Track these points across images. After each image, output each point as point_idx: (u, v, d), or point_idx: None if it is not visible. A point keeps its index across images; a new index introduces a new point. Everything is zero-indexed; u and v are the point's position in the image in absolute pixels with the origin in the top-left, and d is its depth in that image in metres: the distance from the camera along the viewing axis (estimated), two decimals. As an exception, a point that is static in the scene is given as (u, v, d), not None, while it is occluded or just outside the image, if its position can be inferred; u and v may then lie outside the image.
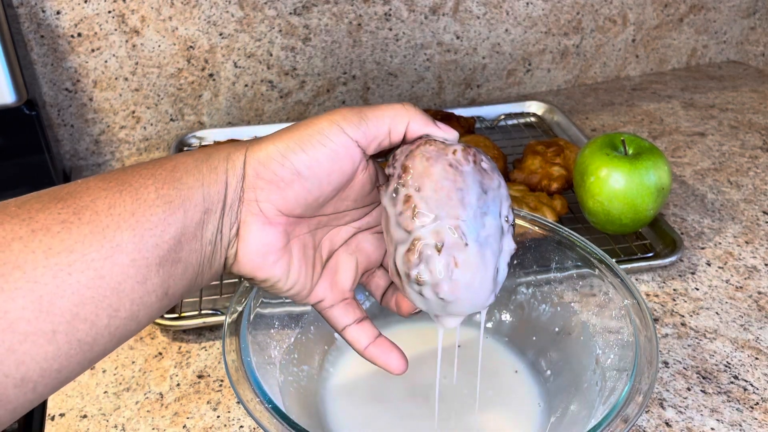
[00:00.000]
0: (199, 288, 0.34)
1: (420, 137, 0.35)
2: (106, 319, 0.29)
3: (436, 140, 0.35)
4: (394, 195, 0.34)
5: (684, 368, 0.54)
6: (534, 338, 0.51)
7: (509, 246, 0.36)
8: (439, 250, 0.33)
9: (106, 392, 0.53)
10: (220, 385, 0.53)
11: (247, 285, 0.46)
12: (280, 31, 0.86)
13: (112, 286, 0.29)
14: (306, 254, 0.37)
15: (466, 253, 0.33)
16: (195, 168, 0.32)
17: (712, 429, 0.49)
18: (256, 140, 0.34)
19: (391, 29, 0.91)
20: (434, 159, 0.34)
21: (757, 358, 0.55)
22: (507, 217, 0.36)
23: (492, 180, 0.35)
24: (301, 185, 0.33)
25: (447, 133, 0.36)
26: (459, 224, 0.33)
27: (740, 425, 0.49)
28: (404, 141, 0.36)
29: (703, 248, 0.68)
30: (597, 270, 0.48)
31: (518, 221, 0.52)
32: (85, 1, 0.77)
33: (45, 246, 0.27)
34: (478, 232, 0.34)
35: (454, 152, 0.34)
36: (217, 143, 0.34)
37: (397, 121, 0.34)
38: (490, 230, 0.34)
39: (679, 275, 0.64)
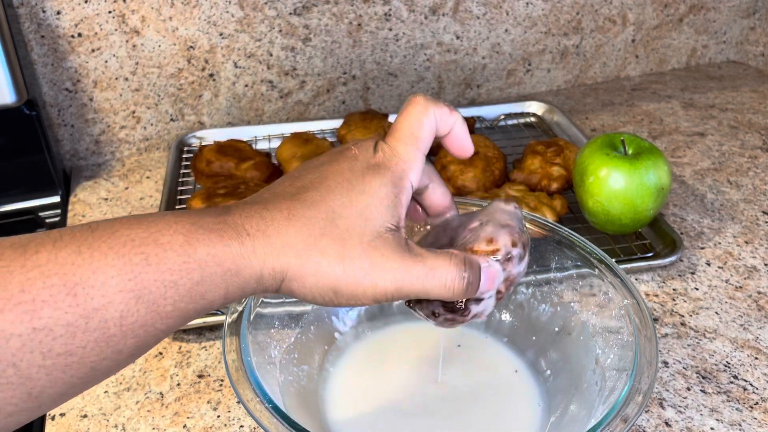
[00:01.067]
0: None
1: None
2: (99, 378, 0.30)
3: (468, 306, 0.37)
4: (460, 313, 0.37)
5: (684, 368, 0.54)
6: (534, 338, 0.51)
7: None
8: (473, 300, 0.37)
9: (106, 392, 0.53)
10: (221, 385, 0.53)
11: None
12: (280, 31, 0.86)
13: (105, 374, 0.29)
14: None
15: (487, 305, 0.38)
16: (222, 284, 0.30)
17: (712, 429, 0.49)
18: (295, 269, 0.32)
19: (391, 29, 0.91)
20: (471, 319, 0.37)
21: (756, 358, 0.55)
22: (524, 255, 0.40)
23: (513, 283, 0.38)
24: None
25: (484, 293, 0.37)
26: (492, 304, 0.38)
27: (740, 425, 0.49)
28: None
29: (702, 248, 0.68)
30: (597, 270, 0.48)
31: (518, 221, 0.52)
32: (86, 1, 0.77)
33: (45, 348, 0.27)
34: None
35: (488, 313, 0.37)
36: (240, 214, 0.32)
37: (424, 129, 0.35)
38: (515, 274, 0.39)
39: (679, 275, 0.64)
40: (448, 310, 0.36)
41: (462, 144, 0.38)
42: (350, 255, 0.32)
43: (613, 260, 0.47)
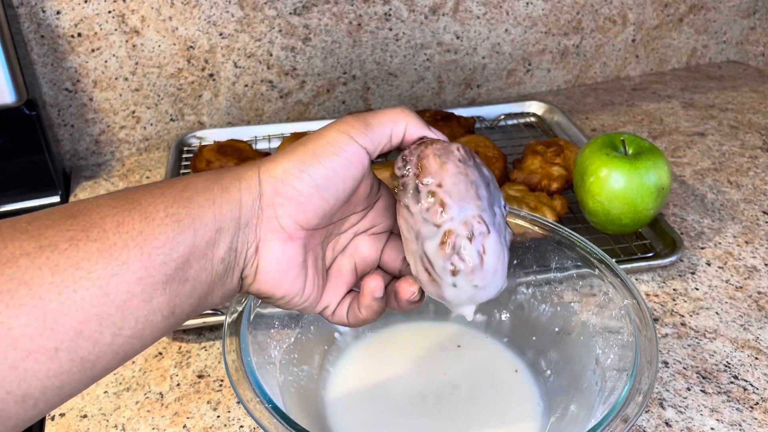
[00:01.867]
0: (209, 307, 0.34)
1: (420, 140, 0.37)
2: (109, 337, 0.28)
3: (437, 140, 0.37)
4: (416, 193, 0.35)
5: (684, 368, 0.54)
6: (534, 338, 0.51)
7: (509, 233, 0.38)
8: (470, 240, 0.35)
9: (106, 392, 0.53)
10: (220, 385, 0.53)
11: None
12: (280, 31, 0.86)
13: (117, 304, 0.28)
14: (317, 265, 0.37)
15: (490, 240, 0.35)
16: (205, 188, 0.32)
17: (712, 429, 0.49)
18: (268, 158, 0.35)
19: (391, 29, 0.91)
20: (446, 157, 0.36)
21: (756, 358, 0.55)
22: (504, 206, 0.38)
23: (489, 174, 0.38)
24: (320, 196, 0.34)
25: (440, 135, 0.38)
26: (481, 214, 0.35)
27: (740, 425, 0.49)
28: (402, 145, 0.37)
29: (703, 248, 0.68)
30: (597, 270, 0.48)
31: (518, 221, 0.52)
32: (85, 1, 0.77)
33: (52, 263, 0.27)
34: (493, 220, 0.36)
35: (458, 149, 0.36)
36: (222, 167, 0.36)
37: (398, 125, 0.36)
38: (499, 218, 0.37)
39: (679, 275, 0.64)
40: (422, 143, 0.37)
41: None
42: (319, 143, 0.35)
43: (614, 260, 0.47)
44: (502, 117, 0.92)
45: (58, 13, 0.76)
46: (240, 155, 0.75)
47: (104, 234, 0.29)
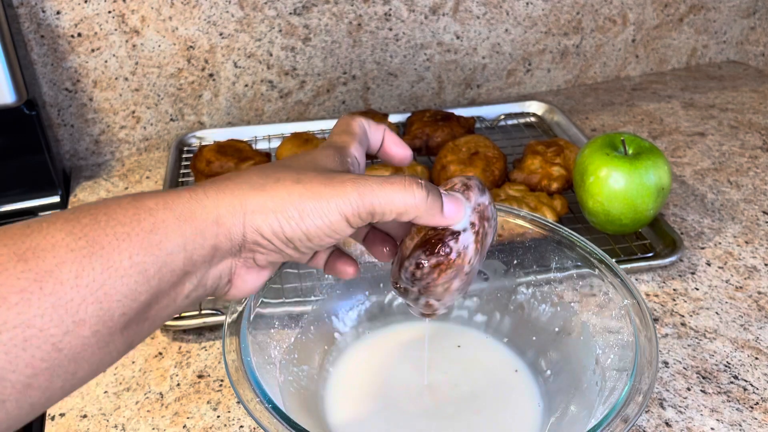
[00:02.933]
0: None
1: (428, 239, 0.36)
2: (60, 383, 0.27)
3: (446, 246, 0.36)
4: (416, 299, 0.39)
5: (684, 368, 0.54)
6: (534, 338, 0.51)
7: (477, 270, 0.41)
8: (443, 307, 0.41)
9: (106, 392, 0.53)
10: (220, 385, 0.53)
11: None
12: (280, 31, 0.86)
13: (70, 357, 0.27)
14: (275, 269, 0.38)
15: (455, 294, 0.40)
16: (178, 230, 0.29)
17: (712, 429, 0.49)
18: (252, 196, 0.32)
19: (391, 29, 0.91)
20: (452, 278, 0.37)
21: (756, 358, 0.55)
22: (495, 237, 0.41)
23: (488, 236, 0.39)
24: (298, 254, 0.34)
25: (456, 219, 0.35)
26: (458, 297, 0.40)
27: (740, 425, 0.49)
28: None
29: (703, 248, 0.68)
30: (597, 270, 0.48)
31: (518, 221, 0.52)
32: (85, 1, 0.77)
33: (0, 320, 0.25)
34: (470, 281, 0.40)
35: (470, 261, 0.37)
36: (197, 181, 0.34)
37: (405, 216, 0.34)
38: (476, 268, 0.40)
39: (679, 275, 0.64)
40: (430, 253, 0.36)
41: (398, 150, 0.40)
42: (306, 177, 0.33)
43: (614, 260, 0.47)
44: (502, 117, 0.92)
45: (58, 13, 0.76)
46: (240, 155, 0.75)
47: (60, 287, 0.26)
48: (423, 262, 0.36)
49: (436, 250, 0.36)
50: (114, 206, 0.29)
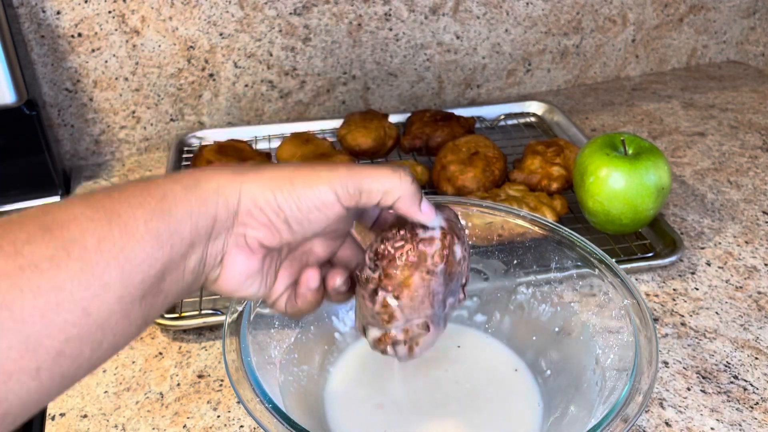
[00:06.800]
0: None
1: (401, 225, 0.38)
2: (89, 353, 0.29)
3: (416, 233, 0.37)
4: (374, 294, 0.38)
5: (684, 368, 0.54)
6: (534, 338, 0.51)
7: (461, 296, 0.42)
8: (404, 342, 0.39)
9: (106, 392, 0.53)
10: (221, 385, 0.53)
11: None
12: (280, 31, 0.86)
13: (99, 323, 0.29)
14: (271, 268, 0.38)
15: (426, 337, 0.40)
16: (184, 198, 0.32)
17: (712, 429, 0.49)
18: (252, 172, 0.35)
19: (391, 29, 0.91)
20: (414, 268, 0.37)
21: (756, 358, 0.55)
22: (465, 284, 0.41)
23: (460, 265, 0.39)
24: (289, 231, 0.35)
25: (429, 217, 0.37)
26: (426, 320, 0.39)
27: (740, 425, 0.49)
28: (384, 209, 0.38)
29: (702, 248, 0.68)
30: (597, 270, 0.48)
31: (518, 221, 0.52)
32: (86, 1, 0.77)
33: (34, 284, 0.27)
34: (440, 316, 0.40)
35: (434, 254, 0.37)
36: (200, 166, 0.37)
37: (389, 196, 0.36)
38: (448, 309, 0.40)
39: (679, 275, 0.64)
40: (398, 230, 0.37)
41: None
42: (301, 165, 0.36)
43: (613, 260, 0.47)
44: (502, 117, 0.92)
45: (59, 13, 0.76)
46: (240, 155, 0.75)
47: (85, 253, 0.28)
48: (389, 238, 0.37)
49: (405, 229, 0.37)
50: (125, 185, 0.32)
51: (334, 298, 0.41)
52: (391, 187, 0.35)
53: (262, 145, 0.86)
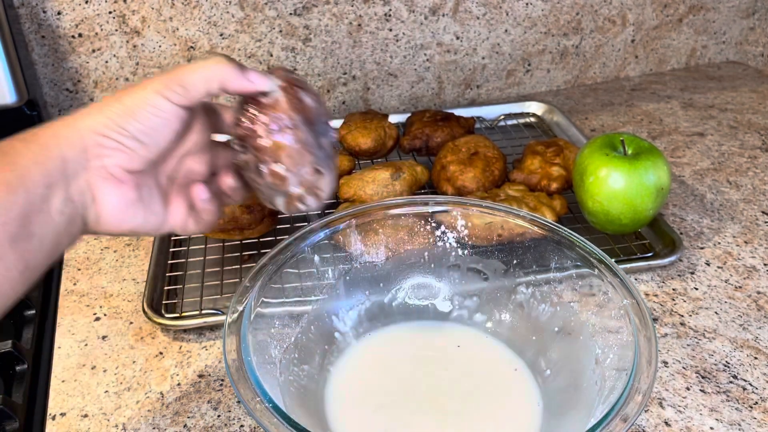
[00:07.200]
0: (62, 252, 0.37)
1: (245, 102, 0.40)
2: None
3: (260, 102, 0.40)
4: (258, 172, 0.40)
5: (683, 368, 0.54)
6: (534, 338, 0.51)
7: (331, 135, 0.44)
8: (308, 192, 0.42)
9: (107, 392, 0.53)
10: (221, 385, 0.53)
11: (248, 284, 0.46)
12: (281, 31, 0.86)
13: None
14: (153, 196, 0.40)
15: (324, 179, 0.42)
16: (25, 149, 0.35)
17: (711, 428, 0.49)
18: (80, 113, 0.37)
19: (391, 30, 0.91)
20: (276, 131, 0.40)
21: (756, 358, 0.55)
22: (327, 125, 0.43)
23: (316, 107, 0.41)
24: (143, 148, 0.37)
25: (262, 82, 0.39)
26: (314, 166, 0.41)
27: (739, 424, 0.49)
28: (227, 92, 0.40)
29: (702, 248, 0.68)
30: (596, 270, 0.48)
31: (518, 221, 0.52)
32: (86, 2, 0.77)
33: None
34: (322, 157, 0.42)
35: (287, 111, 0.40)
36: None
37: (212, 83, 0.38)
38: (327, 147, 0.43)
39: (679, 275, 0.64)
40: (245, 103, 0.40)
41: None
42: (129, 85, 0.38)
43: (613, 260, 0.47)
44: (502, 117, 0.92)
45: (59, 13, 0.76)
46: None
47: None
48: (242, 119, 0.40)
49: (249, 101, 0.40)
50: None
51: (235, 197, 0.43)
52: (208, 72, 0.38)
53: (262, 146, 0.86)
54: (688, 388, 0.52)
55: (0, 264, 0.32)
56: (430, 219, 0.55)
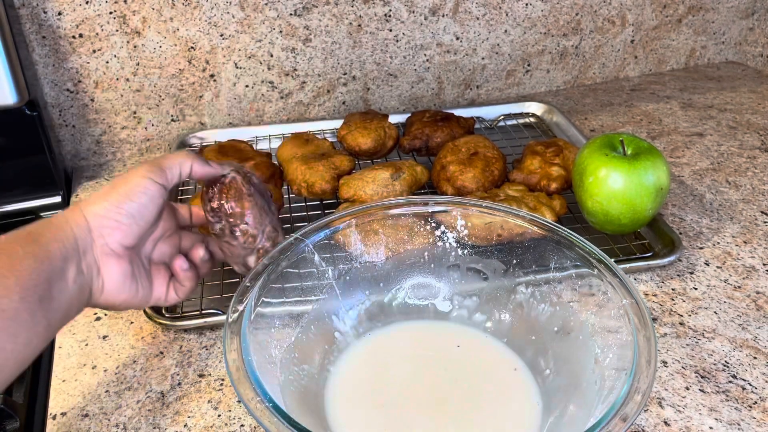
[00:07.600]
0: (71, 318, 0.43)
1: (213, 182, 0.50)
2: (10, 345, 0.37)
3: (224, 179, 0.50)
4: (232, 235, 0.50)
5: (682, 367, 0.54)
6: (533, 337, 0.51)
7: (269, 197, 0.54)
8: (272, 245, 0.51)
9: (107, 391, 0.53)
10: (221, 384, 0.54)
11: (248, 284, 0.46)
12: (281, 32, 0.86)
13: (10, 316, 0.37)
14: (141, 272, 0.48)
15: (280, 236, 0.53)
16: (45, 230, 0.42)
17: (711, 428, 0.49)
18: (85, 202, 0.45)
19: (391, 30, 0.91)
20: (240, 198, 0.50)
21: (755, 358, 0.55)
22: (270, 195, 0.55)
23: (259, 183, 0.53)
24: (135, 224, 0.45)
25: (219, 168, 0.50)
26: (271, 225, 0.52)
27: (738, 424, 0.49)
28: (191, 176, 0.49)
29: (701, 248, 0.68)
30: (596, 270, 0.48)
31: (517, 221, 0.52)
32: (87, 2, 0.77)
33: None
34: (274, 217, 0.53)
35: (243, 184, 0.50)
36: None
37: (185, 166, 0.48)
38: (274, 209, 0.54)
39: (678, 275, 0.64)
40: (213, 185, 0.50)
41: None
42: (117, 178, 0.47)
43: (612, 260, 0.48)
44: (502, 117, 0.92)
45: (60, 14, 0.77)
46: (241, 155, 0.75)
47: None
48: (212, 196, 0.50)
49: (213, 185, 0.50)
50: (6, 237, 0.42)
51: (203, 269, 0.52)
52: (181, 159, 0.48)
53: (262, 146, 0.86)
54: (687, 388, 0.52)
55: (32, 318, 0.39)
56: (429, 219, 0.55)
